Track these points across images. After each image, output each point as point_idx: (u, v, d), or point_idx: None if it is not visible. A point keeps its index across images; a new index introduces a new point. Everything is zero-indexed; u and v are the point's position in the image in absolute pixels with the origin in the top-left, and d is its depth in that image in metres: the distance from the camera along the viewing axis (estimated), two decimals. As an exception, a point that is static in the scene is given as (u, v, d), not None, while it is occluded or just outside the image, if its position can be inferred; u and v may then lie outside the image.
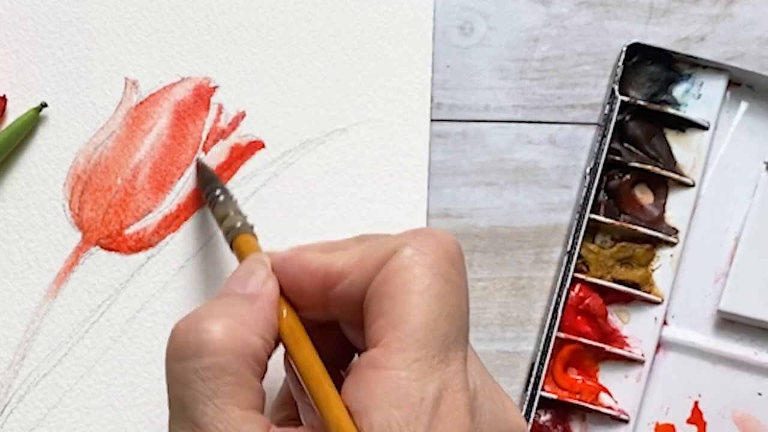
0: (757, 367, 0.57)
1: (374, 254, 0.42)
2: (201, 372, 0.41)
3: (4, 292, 0.55)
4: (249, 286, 0.44)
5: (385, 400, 0.39)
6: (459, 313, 0.41)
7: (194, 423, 0.40)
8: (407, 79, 0.57)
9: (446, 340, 0.40)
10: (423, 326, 0.40)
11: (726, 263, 0.57)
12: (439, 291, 0.41)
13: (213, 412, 0.40)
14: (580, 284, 0.56)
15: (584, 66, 0.58)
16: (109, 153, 0.56)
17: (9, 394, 0.54)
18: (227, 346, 0.41)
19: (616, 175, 0.57)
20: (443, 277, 0.41)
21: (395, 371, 0.39)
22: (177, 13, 0.57)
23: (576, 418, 0.57)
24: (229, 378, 0.40)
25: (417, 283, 0.41)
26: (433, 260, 0.41)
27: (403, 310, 0.40)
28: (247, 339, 0.41)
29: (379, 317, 0.41)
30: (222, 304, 0.43)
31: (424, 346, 0.40)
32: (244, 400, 0.41)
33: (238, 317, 0.42)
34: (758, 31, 0.59)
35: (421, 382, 0.39)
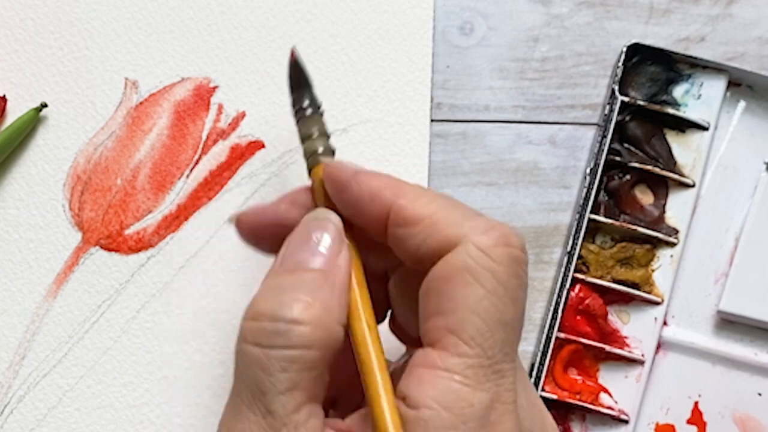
0: (757, 368, 0.57)
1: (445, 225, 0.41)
2: (286, 363, 0.40)
3: (4, 292, 0.55)
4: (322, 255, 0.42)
5: (435, 399, 0.39)
6: (516, 325, 0.41)
7: (267, 409, 0.40)
8: (407, 79, 0.57)
9: (501, 350, 0.40)
10: (480, 333, 0.40)
11: (726, 263, 0.57)
12: (500, 300, 0.40)
13: (289, 403, 0.39)
14: (580, 284, 0.56)
15: (584, 66, 0.58)
16: (109, 153, 0.56)
17: (9, 394, 0.54)
18: (316, 340, 0.40)
19: (616, 176, 0.57)
20: (504, 285, 0.40)
21: (450, 374, 0.39)
22: (177, 13, 0.57)
23: (576, 419, 0.57)
24: (312, 372, 0.40)
25: (478, 288, 0.40)
26: (497, 267, 0.40)
27: (462, 315, 0.40)
28: (332, 332, 0.40)
29: (437, 315, 0.40)
30: (305, 285, 0.41)
31: (480, 354, 0.40)
32: (317, 394, 0.40)
33: (324, 305, 0.40)
34: (758, 32, 0.59)
35: (474, 389, 0.39)
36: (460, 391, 0.39)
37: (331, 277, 0.41)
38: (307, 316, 0.40)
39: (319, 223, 0.43)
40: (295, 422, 0.39)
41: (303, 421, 0.40)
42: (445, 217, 0.42)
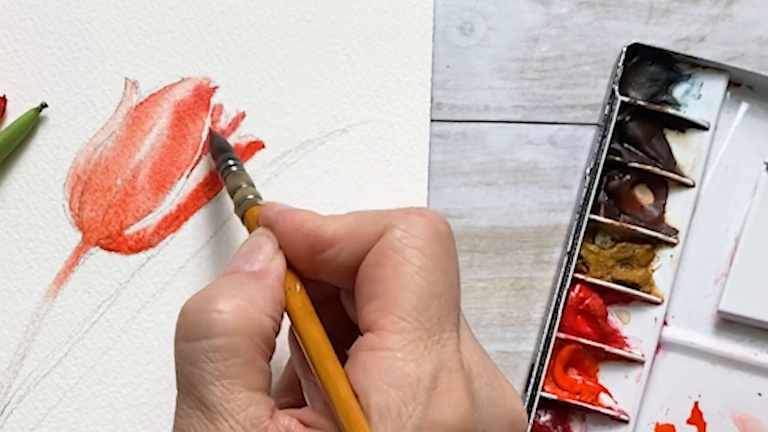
0: (757, 368, 0.57)
1: (364, 228, 0.43)
2: (210, 353, 0.41)
3: (4, 292, 0.55)
4: (256, 262, 0.44)
5: (382, 381, 0.40)
6: (450, 295, 0.42)
7: (201, 402, 0.41)
8: (407, 79, 0.57)
9: (439, 321, 0.41)
10: (415, 308, 0.41)
11: (726, 264, 0.57)
12: (430, 273, 0.41)
13: (221, 392, 0.41)
14: (580, 284, 0.56)
15: (584, 66, 0.58)
16: (109, 153, 0.56)
17: (9, 394, 0.54)
18: (237, 327, 0.41)
19: (616, 176, 0.57)
20: (433, 259, 0.42)
21: (391, 352, 0.40)
22: (177, 13, 0.57)
23: (576, 419, 0.57)
24: (238, 359, 0.41)
25: (407, 265, 0.41)
26: (422, 243, 0.42)
27: (395, 294, 0.41)
28: (256, 319, 0.42)
29: (372, 300, 0.42)
30: (231, 283, 0.43)
31: (417, 327, 0.41)
32: (251, 382, 0.41)
33: (248, 297, 0.42)
34: (758, 31, 0.59)
35: (417, 362, 0.40)
36: (405, 368, 0.40)
37: (259, 276, 0.43)
38: (227, 306, 0.41)
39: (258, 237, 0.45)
40: (230, 411, 0.40)
41: (239, 408, 0.40)
42: (363, 222, 0.43)
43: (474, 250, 0.57)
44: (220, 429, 0.40)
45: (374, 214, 0.44)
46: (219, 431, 0.40)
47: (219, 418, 0.40)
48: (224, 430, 0.40)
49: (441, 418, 0.40)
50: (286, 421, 0.41)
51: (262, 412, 0.41)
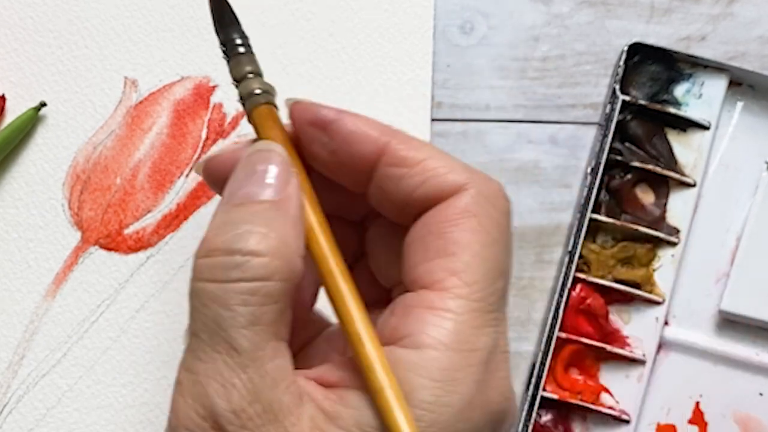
0: (759, 368, 0.57)
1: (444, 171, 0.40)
2: (247, 296, 0.37)
3: (3, 292, 0.55)
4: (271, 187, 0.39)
5: (441, 340, 0.37)
6: (510, 276, 0.40)
7: (231, 346, 0.37)
8: (407, 79, 0.57)
9: (500, 299, 0.39)
10: (485, 279, 0.38)
11: (727, 263, 0.57)
12: (502, 249, 0.39)
13: (254, 338, 0.37)
14: (581, 284, 0.56)
15: (585, 65, 0.58)
16: (108, 152, 0.56)
17: (8, 394, 0.54)
18: (276, 272, 0.37)
19: (617, 175, 0.57)
20: (505, 235, 0.40)
21: (454, 315, 0.38)
22: (177, 12, 0.57)
23: (577, 419, 0.56)
24: (273, 305, 0.37)
25: (485, 235, 0.39)
26: (500, 217, 0.40)
27: (468, 259, 0.38)
28: (293, 263, 0.38)
29: (436, 257, 0.39)
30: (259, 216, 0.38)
31: (483, 299, 0.38)
32: (280, 331, 0.38)
33: (281, 235, 0.38)
34: (759, 31, 0.59)
35: (477, 332, 0.38)
36: (466, 333, 0.38)
37: (283, 207, 0.39)
38: (263, 247, 0.37)
39: (262, 154, 0.40)
40: (262, 358, 0.37)
41: (269, 357, 0.37)
42: (443, 163, 0.40)
43: (474, 250, 0.57)
44: (251, 377, 0.37)
45: (453, 161, 0.40)
46: (249, 379, 0.37)
47: (250, 366, 0.37)
48: (254, 379, 0.37)
49: (492, 394, 0.38)
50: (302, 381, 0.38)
51: (287, 364, 0.38)
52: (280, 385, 0.37)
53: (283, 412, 0.37)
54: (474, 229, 0.39)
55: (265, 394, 0.37)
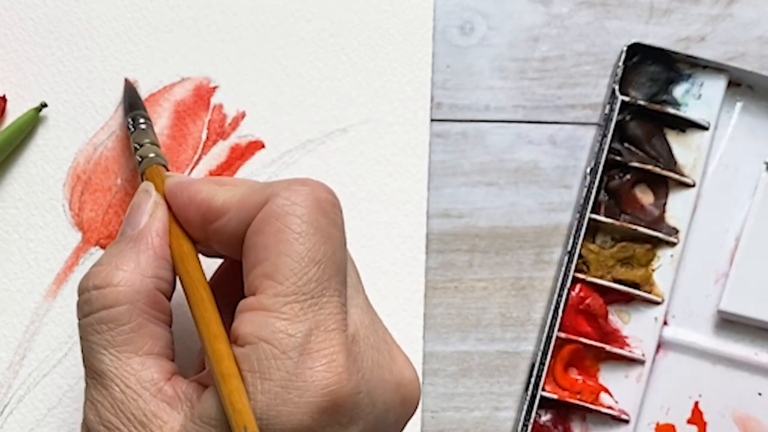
0: (758, 368, 0.57)
1: (251, 198, 0.44)
2: (96, 325, 0.44)
3: (4, 292, 0.55)
4: (137, 224, 0.46)
5: (256, 334, 0.42)
6: (332, 261, 0.43)
7: (94, 371, 0.44)
8: (407, 79, 0.57)
9: (319, 285, 0.43)
10: (293, 272, 0.42)
11: (726, 263, 0.57)
12: (309, 239, 0.43)
13: (109, 359, 0.43)
14: (580, 284, 0.56)
15: (584, 66, 0.58)
16: (109, 153, 0.56)
17: (9, 394, 0.54)
18: (117, 298, 0.44)
19: (616, 175, 0.57)
20: (313, 225, 0.43)
21: (267, 312, 0.42)
22: (177, 13, 0.57)
23: (576, 418, 0.57)
24: (124, 327, 0.44)
25: (287, 232, 0.43)
26: (303, 210, 0.43)
27: (275, 260, 0.43)
28: (137, 284, 0.44)
29: (255, 267, 0.43)
30: (111, 254, 0.45)
31: (294, 291, 0.42)
32: (141, 347, 0.44)
33: (127, 264, 0.45)
34: (758, 31, 0.59)
35: (291, 322, 0.42)
36: (277, 324, 0.42)
37: (140, 238, 0.46)
38: (104, 279, 0.44)
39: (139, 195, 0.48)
40: (120, 376, 0.43)
41: (128, 374, 0.43)
42: (251, 192, 0.45)
43: (474, 250, 0.57)
44: (113, 394, 0.43)
45: (262, 184, 0.45)
46: (112, 396, 0.43)
47: (110, 384, 0.43)
48: (116, 394, 0.43)
49: (311, 373, 0.41)
50: (184, 385, 0.43)
51: (156, 375, 0.43)
52: (144, 395, 0.43)
53: (148, 418, 0.43)
54: (277, 230, 0.43)
55: (128, 405, 0.43)
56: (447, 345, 0.57)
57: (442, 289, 0.57)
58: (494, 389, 0.57)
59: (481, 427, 0.57)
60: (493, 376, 0.57)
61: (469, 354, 0.57)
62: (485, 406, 0.57)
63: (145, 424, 0.43)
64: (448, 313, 0.57)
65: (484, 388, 0.57)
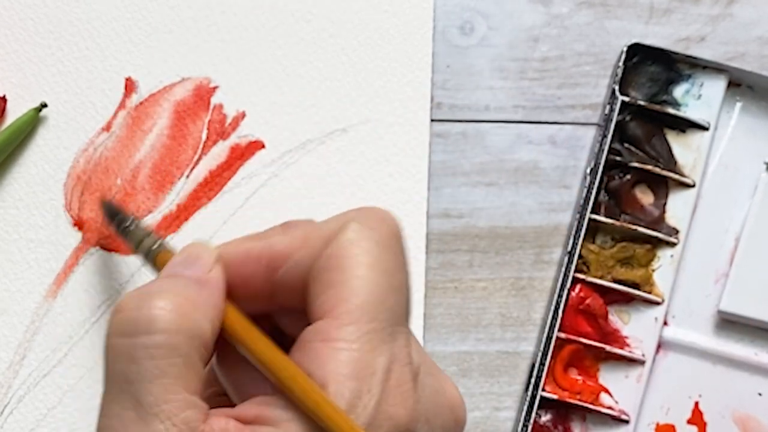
0: (758, 368, 0.57)
1: (319, 231, 0.42)
2: (151, 350, 0.39)
3: (4, 292, 0.55)
4: (196, 269, 0.42)
5: (338, 371, 0.39)
6: (405, 288, 0.42)
7: (137, 401, 0.39)
8: (407, 79, 0.57)
9: (394, 314, 0.41)
10: (373, 299, 0.40)
11: (726, 263, 0.57)
12: (388, 265, 0.41)
13: (158, 391, 0.39)
14: (580, 284, 0.56)
15: (584, 66, 0.58)
16: (109, 153, 0.56)
17: (9, 394, 0.54)
18: (180, 326, 0.40)
19: (616, 176, 0.57)
20: (391, 251, 0.41)
21: (347, 343, 0.39)
22: (177, 13, 0.57)
23: (576, 419, 0.57)
24: (178, 359, 0.39)
25: (366, 256, 0.41)
26: (380, 235, 0.41)
27: (353, 283, 0.40)
28: (198, 322, 0.40)
29: (328, 289, 0.40)
30: (172, 283, 0.41)
31: (373, 319, 0.40)
32: (189, 384, 0.39)
33: (189, 299, 0.40)
34: (758, 31, 0.59)
35: (372, 354, 0.39)
36: (361, 360, 0.39)
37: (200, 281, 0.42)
38: (169, 303, 0.40)
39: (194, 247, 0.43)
40: (167, 412, 0.38)
41: (176, 411, 0.38)
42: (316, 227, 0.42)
43: (474, 250, 0.57)
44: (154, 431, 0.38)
45: (326, 220, 0.43)
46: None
47: (155, 420, 0.38)
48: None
49: (392, 410, 0.39)
50: (222, 422, 0.39)
51: (198, 415, 0.39)
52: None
53: None
54: (357, 255, 0.41)
55: None
56: (447, 345, 0.57)
57: (442, 289, 0.57)
58: (494, 389, 0.57)
59: (481, 427, 0.57)
60: (493, 376, 0.57)
61: (469, 354, 0.57)
62: (485, 406, 0.57)
63: None
64: (448, 313, 0.57)
65: (484, 388, 0.57)
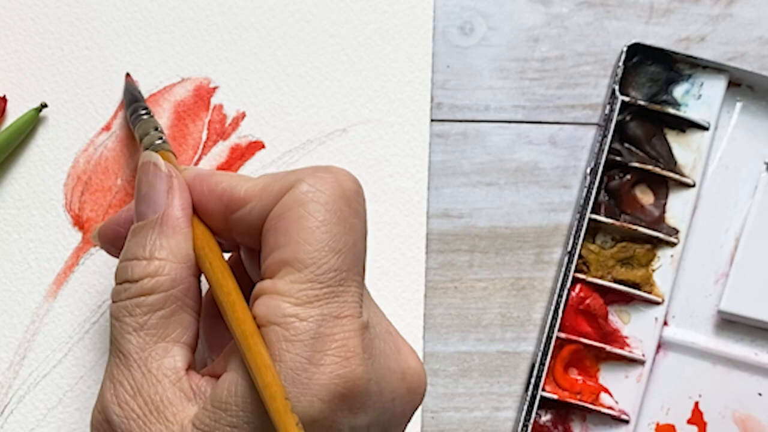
0: (758, 368, 0.57)
1: (275, 185, 0.44)
2: (131, 308, 0.44)
3: (4, 292, 0.55)
4: (157, 204, 0.46)
5: (268, 319, 0.42)
6: (352, 251, 0.43)
7: (119, 351, 0.44)
8: (407, 79, 0.57)
9: (337, 276, 0.43)
10: (312, 260, 0.42)
11: (726, 263, 0.57)
12: (331, 228, 0.43)
13: (136, 341, 0.44)
14: (580, 284, 0.56)
15: (584, 66, 0.58)
16: (109, 153, 0.56)
17: (9, 394, 0.54)
18: (155, 286, 0.44)
19: (616, 176, 0.57)
20: (336, 214, 0.43)
21: (281, 297, 0.42)
22: (177, 13, 0.57)
23: (576, 419, 0.57)
24: (157, 313, 0.44)
25: (310, 219, 0.43)
26: (327, 198, 0.43)
27: (295, 246, 0.42)
28: (173, 273, 0.44)
29: (274, 251, 0.43)
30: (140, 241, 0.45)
31: (311, 279, 0.42)
32: (169, 334, 0.44)
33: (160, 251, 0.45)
34: (758, 31, 0.59)
35: (304, 307, 0.42)
36: (289, 309, 0.42)
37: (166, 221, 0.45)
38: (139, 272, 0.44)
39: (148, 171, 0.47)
40: (144, 359, 0.43)
41: (155, 358, 0.43)
42: (273, 180, 0.45)
43: (474, 250, 0.57)
44: (134, 375, 0.43)
45: (284, 173, 0.45)
46: (132, 377, 0.43)
47: (133, 365, 0.43)
48: (137, 377, 0.43)
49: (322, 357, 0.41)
50: (197, 379, 0.43)
51: (178, 363, 0.44)
52: (163, 382, 0.43)
53: (164, 404, 0.43)
54: (299, 217, 0.43)
55: (147, 389, 0.43)
56: (447, 345, 0.57)
57: (442, 289, 0.57)
58: (494, 389, 0.57)
59: (481, 427, 0.57)
60: (493, 376, 0.57)
61: (469, 354, 0.57)
62: (485, 406, 0.57)
63: (161, 410, 0.43)
64: (448, 313, 0.57)
65: (484, 388, 0.57)
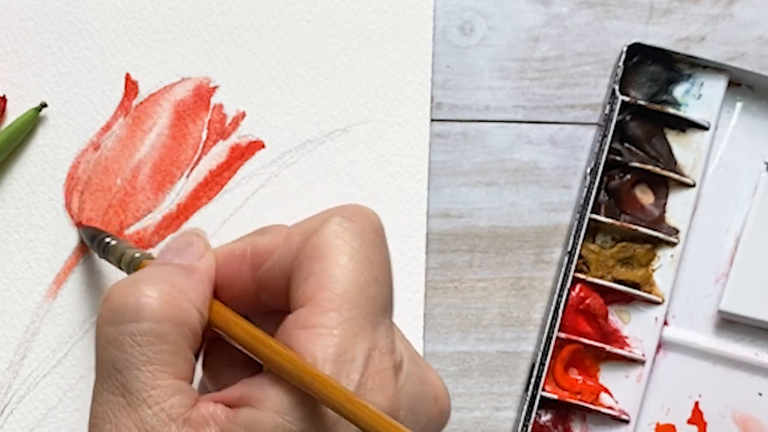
0: (758, 368, 0.57)
1: (300, 228, 0.43)
2: (138, 337, 0.40)
3: (4, 292, 0.55)
4: (186, 256, 0.44)
5: (317, 356, 0.39)
6: (387, 281, 0.42)
7: (125, 388, 0.40)
8: (407, 79, 0.57)
9: (375, 303, 0.41)
10: (354, 287, 0.41)
11: (726, 263, 0.57)
12: (369, 256, 0.42)
13: (146, 378, 0.40)
14: (580, 284, 0.56)
15: (584, 66, 0.58)
16: (109, 153, 0.56)
17: (9, 394, 0.54)
18: (167, 313, 0.40)
19: (616, 175, 0.57)
20: (372, 243, 0.42)
21: (327, 329, 0.40)
22: (177, 13, 0.57)
23: (576, 419, 0.57)
24: (166, 346, 0.40)
25: (347, 246, 0.41)
26: (361, 228, 0.42)
27: (334, 271, 0.41)
28: (186, 309, 0.41)
29: (309, 278, 0.41)
30: (161, 271, 0.43)
31: (354, 306, 0.40)
32: (177, 371, 0.40)
33: (178, 286, 0.41)
34: (758, 31, 0.59)
35: (353, 340, 0.40)
36: (341, 345, 0.39)
37: (189, 269, 0.43)
38: (156, 291, 0.41)
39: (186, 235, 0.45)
40: (155, 398, 0.39)
41: (164, 396, 0.39)
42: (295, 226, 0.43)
43: (474, 250, 0.57)
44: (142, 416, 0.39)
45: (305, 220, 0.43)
46: (141, 419, 0.39)
47: (142, 405, 0.39)
48: (146, 418, 0.39)
49: (371, 396, 0.40)
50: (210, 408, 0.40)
51: (186, 401, 0.40)
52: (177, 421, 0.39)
53: None
54: (339, 245, 0.41)
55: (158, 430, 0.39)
56: (447, 345, 0.57)
57: (442, 289, 0.57)
58: (494, 389, 0.57)
59: (481, 427, 0.57)
60: (493, 376, 0.57)
61: (469, 354, 0.57)
62: (485, 406, 0.57)
63: None
64: (448, 313, 0.57)
65: (484, 388, 0.57)
